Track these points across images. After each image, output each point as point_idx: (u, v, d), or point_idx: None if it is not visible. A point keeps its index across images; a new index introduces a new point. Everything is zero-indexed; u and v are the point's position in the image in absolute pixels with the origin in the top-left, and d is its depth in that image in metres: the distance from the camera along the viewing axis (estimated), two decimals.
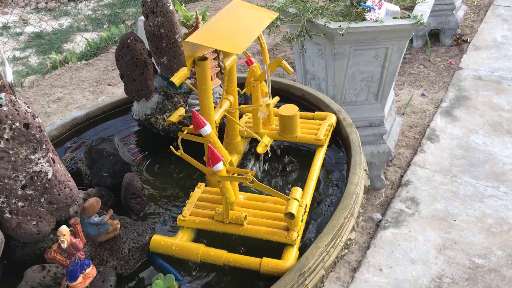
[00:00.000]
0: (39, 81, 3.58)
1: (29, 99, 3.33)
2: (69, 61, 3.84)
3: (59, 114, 3.13)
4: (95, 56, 3.94)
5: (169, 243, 0.99)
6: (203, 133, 0.95)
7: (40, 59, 4.01)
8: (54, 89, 3.45)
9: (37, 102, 3.29)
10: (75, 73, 3.66)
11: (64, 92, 3.39)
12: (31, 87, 3.51)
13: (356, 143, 1.24)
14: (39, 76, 3.69)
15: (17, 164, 0.91)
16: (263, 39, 1.06)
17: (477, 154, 2.58)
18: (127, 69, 1.27)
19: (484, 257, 1.98)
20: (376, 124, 2.20)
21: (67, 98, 3.32)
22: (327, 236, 0.97)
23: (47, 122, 3.05)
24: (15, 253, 1.00)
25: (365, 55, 1.98)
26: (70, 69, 3.72)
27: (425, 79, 3.34)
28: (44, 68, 3.80)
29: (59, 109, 3.20)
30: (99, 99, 3.29)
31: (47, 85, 3.50)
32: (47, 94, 3.39)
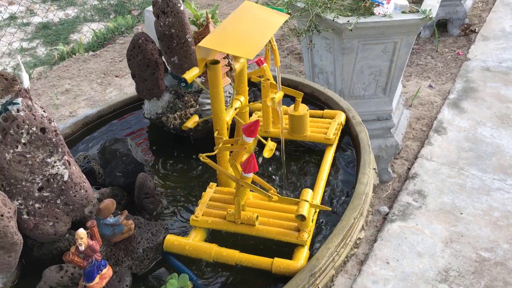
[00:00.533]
0: (47, 73, 3.60)
1: (38, 91, 3.35)
2: (77, 52, 3.85)
3: (68, 106, 3.15)
4: (102, 47, 3.95)
5: (183, 243, 1.01)
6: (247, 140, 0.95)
7: (48, 50, 4.02)
8: (62, 80, 3.47)
9: (45, 94, 3.31)
10: (82, 65, 3.67)
11: (72, 84, 3.41)
12: (39, 78, 3.53)
13: (365, 142, 1.25)
14: (46, 67, 3.71)
15: (34, 167, 0.93)
16: (274, 41, 1.07)
17: (484, 146, 2.58)
18: (138, 69, 1.28)
19: (491, 251, 2.00)
20: (384, 118, 2.21)
21: (75, 90, 3.34)
22: (337, 237, 0.99)
23: (56, 115, 3.08)
24: (32, 252, 1.02)
25: (374, 49, 1.98)
26: (78, 60, 3.74)
27: (432, 70, 3.33)
28: (52, 59, 3.82)
29: (67, 101, 3.22)
30: (106, 91, 3.31)
31: (55, 77, 3.52)
32: (55, 85, 3.41)
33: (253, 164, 0.93)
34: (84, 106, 3.15)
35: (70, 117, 3.04)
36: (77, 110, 3.11)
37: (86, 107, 3.13)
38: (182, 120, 1.31)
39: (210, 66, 0.99)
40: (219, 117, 1.05)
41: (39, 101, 2.70)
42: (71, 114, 3.06)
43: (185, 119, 1.31)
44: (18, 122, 0.88)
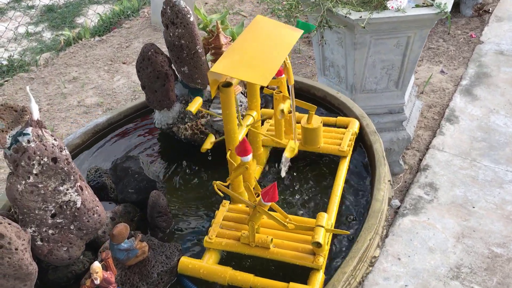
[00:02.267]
0: (54, 60, 3.57)
1: (45, 79, 3.33)
2: (83, 37, 3.81)
3: (76, 95, 3.13)
4: (108, 32, 3.90)
5: (197, 266, 1.01)
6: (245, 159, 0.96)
7: (53, 35, 3.98)
8: (69, 68, 3.44)
9: (53, 83, 3.29)
10: (89, 51, 3.63)
11: (79, 72, 3.38)
12: (46, 66, 3.50)
13: (380, 154, 1.23)
14: (53, 53, 3.67)
15: (47, 196, 0.92)
16: (288, 60, 1.04)
17: (497, 136, 2.54)
18: (148, 81, 1.26)
19: (503, 246, 1.99)
20: (396, 111, 2.18)
21: (82, 78, 3.31)
22: (352, 260, 0.98)
23: (64, 104, 3.06)
24: (47, 275, 1.02)
25: (386, 44, 1.93)
26: (84, 46, 3.70)
27: (444, 54, 3.27)
28: (58, 45, 3.78)
29: (75, 89, 3.20)
30: (114, 79, 3.28)
31: (62, 64, 3.49)
32: (62, 73, 3.38)
33: (275, 193, 0.91)
34: (92, 95, 3.13)
35: (78, 106, 3.02)
36: (85, 99, 3.09)
37: (94, 96, 3.11)
38: (193, 131, 1.29)
39: (223, 89, 0.96)
40: (232, 137, 1.03)
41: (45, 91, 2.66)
42: (79, 104, 3.04)
43: (196, 130, 1.29)
44: (29, 153, 0.87)
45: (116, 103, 3.04)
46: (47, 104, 3.06)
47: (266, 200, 0.92)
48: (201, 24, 1.35)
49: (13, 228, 0.87)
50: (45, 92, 3.19)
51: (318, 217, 0.99)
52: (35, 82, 3.30)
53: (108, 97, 3.09)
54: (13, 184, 0.88)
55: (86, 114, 2.95)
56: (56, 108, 3.02)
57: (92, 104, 3.04)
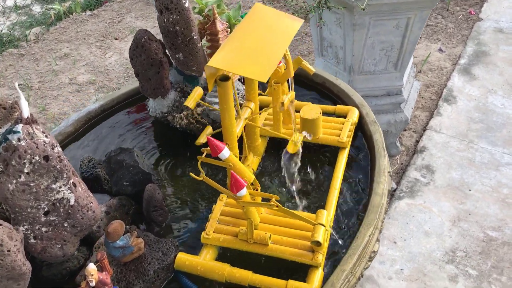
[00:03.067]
0: (44, 35, 3.48)
1: (36, 55, 3.25)
2: (73, 11, 3.71)
3: (67, 73, 3.07)
4: (99, 6, 3.81)
5: (194, 262, 0.99)
6: (221, 157, 0.92)
7: (43, 9, 3.87)
8: (60, 44, 3.36)
9: (44, 59, 3.21)
10: (80, 26, 3.55)
11: (71, 48, 3.31)
12: (36, 41, 3.42)
13: (380, 145, 1.20)
14: (43, 28, 3.58)
15: (39, 194, 0.89)
16: (288, 51, 1.00)
17: (495, 117, 2.52)
18: (142, 68, 1.21)
19: (498, 230, 1.99)
20: (394, 93, 2.15)
21: (74, 54, 3.24)
22: (352, 257, 0.97)
23: (55, 81, 3.00)
24: (41, 272, 1.01)
25: (386, 25, 1.88)
26: (75, 21, 3.61)
27: (442, 32, 3.22)
28: (48, 19, 3.69)
29: (66, 66, 3.14)
30: (106, 55, 3.21)
31: (53, 40, 3.41)
32: (53, 49, 3.31)
33: (238, 181, 0.89)
34: (84, 72, 3.07)
35: (70, 84, 2.96)
36: (77, 77, 3.03)
37: (86, 74, 3.05)
38: (189, 120, 1.26)
39: (220, 83, 0.93)
40: (229, 131, 1.00)
41: (36, 68, 2.58)
42: (71, 82, 2.98)
43: (192, 119, 1.26)
44: (19, 152, 0.84)
45: (108, 80, 2.98)
46: (38, 81, 3.00)
47: (235, 191, 0.90)
48: (197, 8, 1.30)
49: (4, 229, 0.85)
50: (36, 69, 3.12)
51: (317, 214, 0.97)
52: (25, 59, 3.22)
53: (101, 75, 3.03)
54: (4, 183, 0.85)
55: (78, 93, 2.89)
56: (47, 86, 2.96)
57: (84, 82, 2.98)
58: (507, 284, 1.80)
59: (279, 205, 0.92)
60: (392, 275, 1.87)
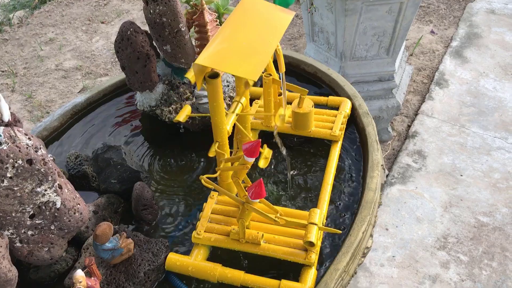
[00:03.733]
0: (28, 19, 3.39)
1: (20, 40, 3.17)
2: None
3: (53, 58, 3.00)
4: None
5: (185, 263, 0.97)
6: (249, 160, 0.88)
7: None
8: (45, 28, 3.28)
9: (29, 44, 3.14)
10: (65, 9, 3.46)
11: (56, 32, 3.23)
12: (20, 25, 3.33)
13: (373, 137, 1.18)
14: (27, 11, 3.49)
15: (23, 198, 0.87)
16: (279, 46, 0.97)
17: (486, 101, 2.51)
18: (128, 62, 1.18)
19: (489, 215, 2.00)
20: (386, 79, 2.12)
21: (59, 39, 3.17)
22: (345, 256, 0.96)
23: (41, 68, 2.93)
24: (29, 275, 0.98)
25: (378, 10, 1.85)
26: (60, 4, 3.52)
27: (435, 13, 3.18)
28: (32, 2, 3.59)
29: (52, 52, 3.07)
30: (93, 40, 3.14)
31: (37, 24, 3.32)
32: (38, 34, 3.23)
33: (262, 190, 0.87)
34: (70, 58, 3.00)
35: (57, 70, 2.90)
36: (63, 62, 2.96)
37: (73, 59, 2.99)
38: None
39: (209, 80, 0.90)
40: (219, 129, 0.98)
41: (21, 53, 2.51)
42: (57, 68, 2.92)
43: None
44: (1, 157, 0.80)
45: (95, 66, 2.92)
46: (23, 68, 2.93)
47: (253, 197, 0.88)
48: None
49: None
50: (20, 54, 3.05)
51: (310, 213, 0.95)
52: (10, 44, 3.15)
53: (87, 60, 2.97)
54: None
55: (64, 79, 2.83)
56: (33, 73, 2.89)
57: (71, 68, 2.92)
58: (497, 269, 1.82)
59: (285, 220, 0.91)
60: (384, 262, 1.87)
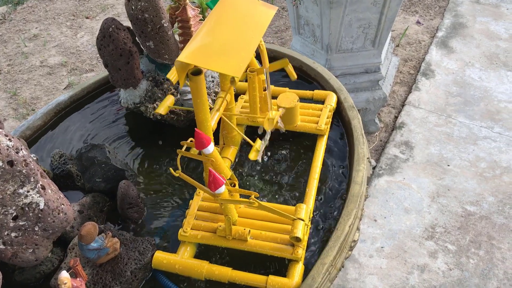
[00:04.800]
0: (11, 15, 3.34)
1: (3, 37, 3.13)
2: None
3: (38, 55, 2.96)
4: None
5: (172, 261, 0.97)
6: (205, 152, 0.89)
7: None
8: (28, 24, 3.24)
9: (12, 41, 3.10)
10: (49, 4, 3.41)
11: (40, 28, 3.19)
12: (3, 22, 3.28)
13: (358, 131, 1.18)
14: (10, 7, 3.44)
15: (5, 200, 0.86)
16: (263, 41, 0.96)
17: (472, 91, 2.53)
18: (110, 59, 1.16)
19: (476, 204, 2.02)
20: (372, 71, 2.12)
21: (43, 35, 3.13)
22: (332, 250, 0.96)
23: (25, 64, 2.90)
24: (14, 277, 0.97)
25: (363, 2, 1.84)
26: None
27: (420, 3, 3.18)
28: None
29: (36, 48, 3.03)
30: (77, 36, 3.10)
31: (21, 20, 3.28)
32: (22, 30, 3.18)
33: (216, 178, 0.86)
34: (55, 54, 2.97)
35: (41, 67, 2.87)
36: (48, 59, 2.93)
37: (58, 55, 2.95)
38: None
39: (192, 77, 0.89)
40: (204, 125, 0.97)
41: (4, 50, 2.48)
42: (42, 64, 2.88)
43: None
44: None
45: (81, 62, 2.89)
46: (7, 65, 2.89)
47: (213, 189, 0.87)
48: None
49: None
50: (4, 51, 3.00)
51: (297, 208, 0.95)
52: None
53: (72, 56, 2.94)
54: None
55: (50, 75, 2.80)
56: (17, 69, 2.86)
57: (56, 64, 2.89)
58: (484, 257, 1.84)
59: (258, 202, 0.90)
60: (373, 253, 1.89)
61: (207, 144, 0.88)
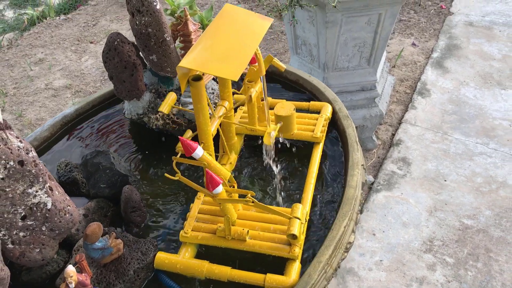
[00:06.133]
0: (18, 40, 3.44)
1: (10, 61, 3.22)
2: (47, 16, 3.68)
3: (43, 78, 3.04)
4: (73, 10, 3.78)
5: (174, 261, 1.00)
6: (195, 157, 0.94)
7: (16, 14, 3.83)
8: (34, 49, 3.33)
9: (18, 65, 3.18)
10: (54, 30, 3.52)
11: (46, 53, 3.28)
12: (10, 47, 3.38)
13: (353, 139, 1.23)
14: (17, 33, 3.54)
15: (15, 199, 0.90)
16: (259, 50, 1.02)
17: (467, 109, 2.58)
18: (115, 71, 1.22)
19: (473, 218, 2.05)
20: (368, 88, 2.18)
21: (49, 59, 3.21)
22: (328, 249, 0.99)
23: (31, 87, 2.97)
24: (21, 277, 1.01)
25: (358, 21, 1.92)
26: (49, 25, 3.57)
27: (415, 26, 3.27)
28: (21, 25, 3.65)
29: (42, 71, 3.11)
30: (82, 59, 3.19)
31: (27, 45, 3.37)
32: (28, 55, 3.27)
33: (213, 179, 0.91)
34: (60, 77, 3.04)
35: (46, 90, 2.94)
36: (52, 82, 3.00)
37: (62, 78, 3.03)
38: (164, 121, 1.27)
39: (193, 83, 0.94)
40: (204, 130, 1.02)
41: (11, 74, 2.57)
42: (47, 87, 2.96)
43: (167, 120, 1.27)
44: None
45: (85, 84, 2.96)
46: (13, 88, 2.97)
47: (211, 189, 0.92)
48: (169, 10, 1.31)
49: None
50: (10, 75, 3.08)
51: (293, 208, 0.99)
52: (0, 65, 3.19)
53: (77, 79, 3.01)
54: None
55: (54, 98, 2.87)
56: (23, 92, 2.93)
57: (61, 86, 2.96)
58: (482, 270, 1.85)
59: (254, 201, 0.94)
60: (372, 266, 1.91)
61: (193, 149, 0.92)
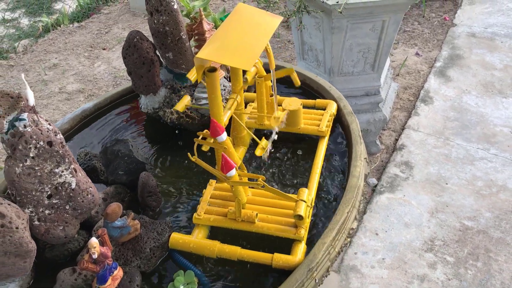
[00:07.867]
0: (33, 46, 3.55)
1: (25, 66, 3.32)
2: (61, 23, 3.79)
3: (57, 82, 3.14)
4: (87, 18, 3.89)
5: (187, 240, 1.07)
6: (219, 140, 1.01)
7: (31, 22, 3.95)
8: (49, 55, 3.43)
9: (33, 70, 3.28)
10: (68, 37, 3.62)
11: (60, 58, 3.38)
12: (25, 53, 3.48)
13: (356, 133, 1.30)
14: (32, 40, 3.65)
15: (43, 178, 0.97)
16: (269, 44, 1.10)
17: (469, 116, 2.65)
18: (134, 67, 1.30)
19: (474, 219, 2.10)
20: (372, 93, 2.26)
21: (63, 64, 3.32)
22: (332, 231, 1.06)
23: (45, 91, 3.07)
24: (44, 253, 1.08)
25: (362, 28, 2.00)
26: (63, 32, 3.68)
27: (419, 37, 3.36)
28: (36, 32, 3.76)
29: (56, 76, 3.21)
30: (95, 65, 3.29)
31: (41, 51, 3.48)
32: (42, 60, 3.38)
33: (228, 162, 0.98)
34: (73, 81, 3.14)
35: (60, 93, 3.03)
36: (66, 86, 3.10)
37: (76, 83, 3.13)
38: (179, 115, 1.35)
39: (208, 74, 1.02)
40: (217, 119, 1.09)
41: (27, 77, 2.66)
42: (61, 91, 3.05)
43: (181, 114, 1.35)
44: (26, 138, 0.92)
45: (97, 89, 3.06)
46: None
47: (225, 171, 0.99)
48: (184, 11, 1.39)
49: (12, 208, 0.92)
50: (25, 79, 3.18)
51: (299, 192, 1.06)
52: (15, 69, 3.29)
53: (89, 83, 3.11)
54: (11, 167, 0.93)
55: (68, 101, 2.96)
56: (37, 95, 3.03)
57: (74, 90, 3.06)
58: (482, 269, 1.91)
59: (265, 184, 1.01)
60: (375, 264, 1.96)
61: (221, 132, 1.00)
